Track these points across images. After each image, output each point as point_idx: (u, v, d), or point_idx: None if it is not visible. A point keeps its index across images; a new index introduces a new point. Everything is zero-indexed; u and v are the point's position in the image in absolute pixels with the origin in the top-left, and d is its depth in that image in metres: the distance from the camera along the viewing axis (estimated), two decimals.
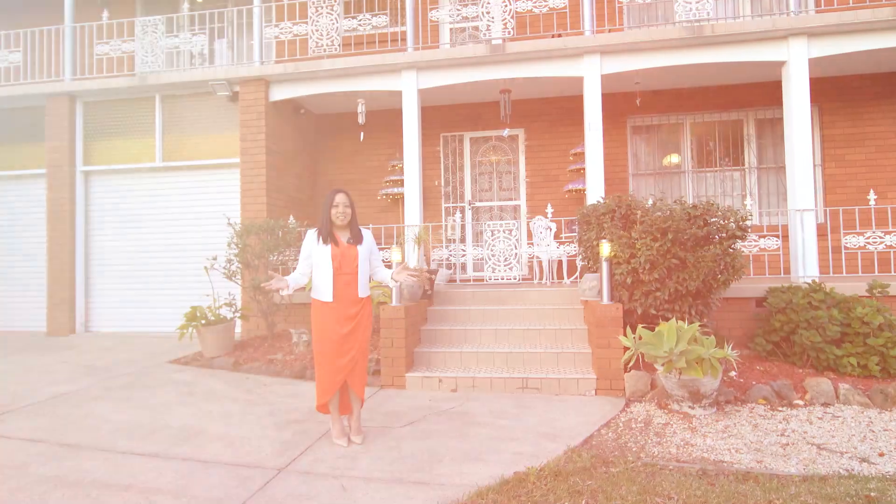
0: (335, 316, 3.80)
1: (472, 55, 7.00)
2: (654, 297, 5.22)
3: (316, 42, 7.46)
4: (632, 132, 8.59)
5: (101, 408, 4.61)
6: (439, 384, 5.33)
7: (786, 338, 5.46)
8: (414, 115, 7.29)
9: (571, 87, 7.84)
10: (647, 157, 8.61)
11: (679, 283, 5.13)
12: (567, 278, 7.46)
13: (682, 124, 8.46)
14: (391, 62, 7.17)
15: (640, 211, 5.30)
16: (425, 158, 8.84)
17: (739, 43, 6.67)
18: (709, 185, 8.42)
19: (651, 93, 8.23)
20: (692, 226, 5.15)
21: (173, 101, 7.94)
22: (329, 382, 3.80)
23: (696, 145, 8.46)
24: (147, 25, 7.70)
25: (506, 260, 7.12)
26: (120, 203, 8.16)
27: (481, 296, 6.61)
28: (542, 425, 4.20)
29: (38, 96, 8.07)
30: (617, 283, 5.41)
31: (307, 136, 8.81)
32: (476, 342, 5.88)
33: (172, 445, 3.80)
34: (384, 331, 5.43)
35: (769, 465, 3.44)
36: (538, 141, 8.66)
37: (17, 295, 8.43)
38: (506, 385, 5.21)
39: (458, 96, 8.34)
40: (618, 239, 5.32)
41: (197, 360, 6.09)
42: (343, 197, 3.88)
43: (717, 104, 8.22)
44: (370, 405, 4.76)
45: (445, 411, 4.58)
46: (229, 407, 4.68)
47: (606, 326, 5.07)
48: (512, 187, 8.83)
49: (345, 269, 3.82)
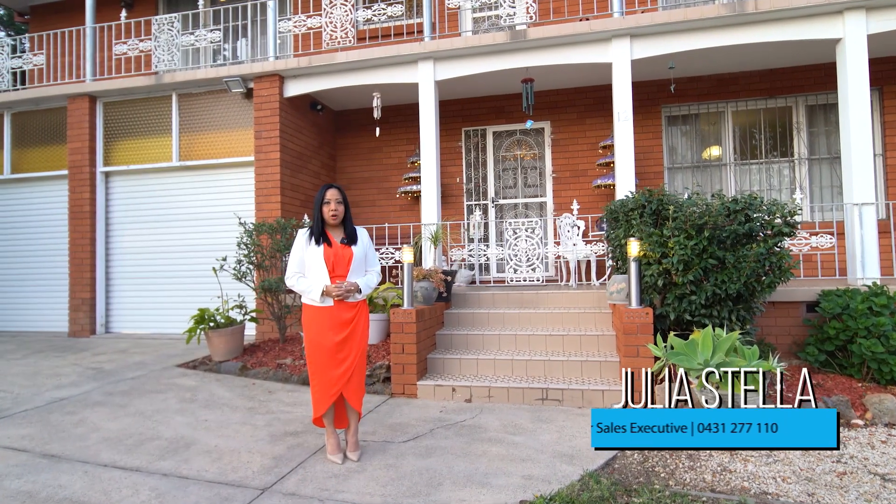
0: (329, 322, 3.49)
1: (491, 43, 6.60)
2: (689, 302, 4.71)
3: (330, 35, 7.21)
4: (667, 122, 8.00)
5: (96, 415, 4.44)
6: (453, 393, 4.96)
7: (842, 347, 4.85)
8: (431, 108, 6.94)
9: (600, 76, 7.34)
10: (684, 149, 8.01)
11: (717, 285, 4.60)
12: (595, 280, 6.97)
13: (723, 112, 7.82)
14: (407, 53, 6.84)
15: (673, 206, 4.79)
16: (446, 154, 8.49)
17: (787, 20, 6.04)
18: (753, 179, 7.76)
19: (687, 79, 7.63)
20: (732, 222, 4.62)
21: (189, 99, 7.84)
22: (323, 394, 3.49)
23: (738, 135, 7.80)
24: (163, 24, 7.63)
25: (528, 260, 6.69)
26: (139, 203, 8.13)
27: (502, 298, 6.22)
28: (559, 443, 3.78)
29: (59, 97, 8.12)
30: (647, 285, 4.93)
31: (325, 133, 8.59)
32: (494, 348, 5.50)
33: (157, 458, 3.57)
34: (394, 335, 5.11)
35: (823, 498, 2.93)
36: (565, 134, 8.17)
37: (41, 296, 8.52)
38: (524, 396, 4.81)
39: (480, 88, 7.95)
40: (648, 237, 4.83)
41: (205, 363, 5.91)
42: (335, 192, 3.56)
43: (762, 90, 7.55)
44: (375, 416, 4.44)
45: (455, 424, 4.22)
46: (227, 416, 4.44)
47: (635, 333, 4.60)
48: (537, 183, 8.37)
49: (338, 270, 3.51)
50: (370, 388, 5.16)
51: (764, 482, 3.14)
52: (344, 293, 3.45)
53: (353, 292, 3.50)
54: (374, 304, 6.31)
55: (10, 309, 8.66)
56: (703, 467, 3.37)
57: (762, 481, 3.15)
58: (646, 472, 3.31)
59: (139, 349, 6.91)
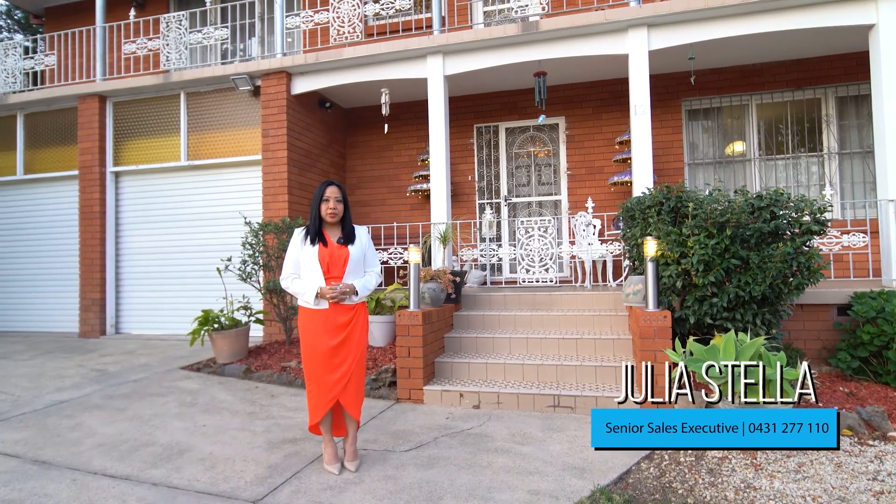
0: (324, 325, 3.32)
1: (502, 35, 6.38)
2: (710, 304, 4.44)
3: (337, 30, 7.06)
4: (687, 116, 7.68)
5: (94, 419, 4.34)
6: (460, 399, 4.76)
7: (876, 353, 4.53)
8: (440, 103, 6.74)
9: (616, 68, 7.07)
10: (706, 145, 7.68)
11: (740, 287, 4.32)
12: (612, 281, 6.71)
13: (747, 105, 7.47)
14: (415, 47, 6.65)
15: (693, 203, 4.51)
16: (458, 151, 8.28)
17: (816, 5, 5.70)
18: (779, 175, 7.40)
19: (709, 71, 7.31)
20: (757, 219, 4.33)
21: (198, 98, 7.76)
22: (319, 401, 3.32)
23: (763, 129, 7.44)
24: (171, 22, 7.57)
25: (541, 260, 6.45)
26: (148, 203, 8.08)
27: (513, 299, 6.00)
28: (570, 454, 3.56)
29: (70, 97, 8.11)
30: (665, 286, 4.67)
31: (335, 131, 8.45)
32: (505, 352, 5.29)
33: (149, 466, 3.43)
34: (399, 339, 4.93)
35: None
36: (580, 129, 7.91)
37: (54, 296, 8.53)
38: (535, 402, 4.58)
39: (492, 83, 7.72)
40: (666, 236, 4.56)
41: (209, 366, 5.79)
42: (335, 190, 3.39)
43: (788, 81, 7.19)
44: (378, 423, 4.26)
45: (461, 432, 4.02)
46: (227, 421, 4.31)
47: (652, 337, 4.33)
48: (552, 181, 8.12)
49: (334, 271, 3.33)
50: (375, 393, 4.99)
51: (792, 501, 2.88)
52: (339, 295, 3.28)
53: (349, 294, 3.33)
54: (382, 305, 6.14)
55: (23, 309, 8.70)
56: (725, 484, 3.12)
57: (790, 501, 2.89)
58: (662, 489, 3.07)
59: (146, 350, 6.84)
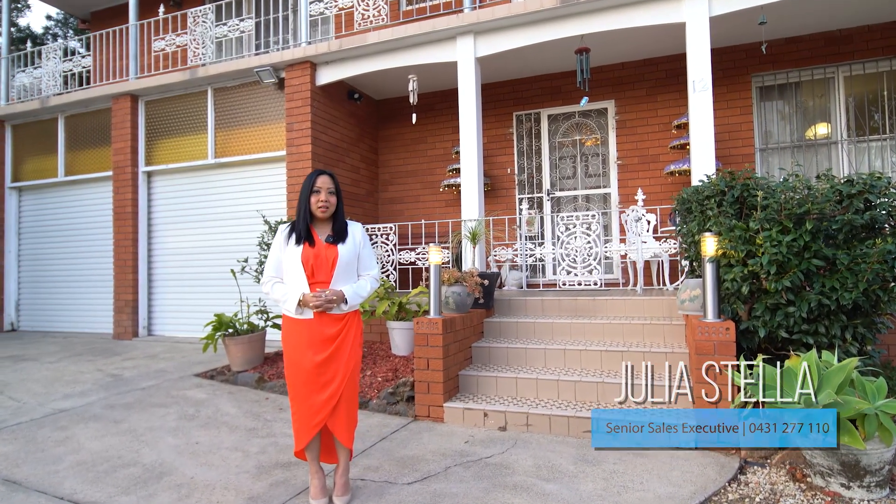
0: (308, 338, 2.84)
1: (538, 9, 5.71)
2: (785, 314, 3.62)
3: (362, 14, 6.61)
4: (758, 94, 6.70)
5: (86, 431, 4.07)
6: (484, 419, 4.18)
7: None
8: (471, 88, 6.15)
9: (672, 42, 6.23)
10: (781, 126, 6.67)
11: (825, 294, 3.49)
12: (669, 284, 5.90)
13: (832, 79, 6.41)
14: (444, 27, 6.09)
15: (763, 191, 3.71)
16: (496, 142, 7.66)
17: None
18: (873, 160, 6.32)
19: (784, 40, 6.32)
20: (846, 210, 3.50)
21: (224, 93, 7.54)
22: (304, 424, 2.85)
23: (853, 106, 6.37)
24: (198, 16, 7.38)
25: (584, 260, 5.73)
26: (178, 203, 7.96)
27: (552, 305, 5.35)
28: (604, 497, 2.91)
29: (105, 98, 8.11)
30: (728, 292, 3.88)
31: (365, 124, 8.02)
32: (539, 365, 4.66)
33: (121, 492, 3.07)
34: (418, 349, 4.40)
35: None
36: (632, 114, 7.09)
37: (92, 297, 8.58)
38: (569, 426, 3.94)
39: (531, 66, 7.05)
40: (728, 231, 3.79)
41: (223, 374, 5.48)
42: (326, 179, 2.90)
43: (885, 48, 6.09)
44: (387, 445, 3.75)
45: (478, 461, 3.44)
46: (223, 438, 3.93)
47: (710, 353, 3.60)
48: (600, 172, 7.34)
49: (319, 276, 2.84)
50: (392, 409, 4.50)
51: None
52: (324, 304, 2.78)
53: (337, 303, 2.82)
54: (406, 310, 5.64)
55: (65, 310, 8.83)
56: None
57: None
58: None
59: (169, 354, 6.66)
